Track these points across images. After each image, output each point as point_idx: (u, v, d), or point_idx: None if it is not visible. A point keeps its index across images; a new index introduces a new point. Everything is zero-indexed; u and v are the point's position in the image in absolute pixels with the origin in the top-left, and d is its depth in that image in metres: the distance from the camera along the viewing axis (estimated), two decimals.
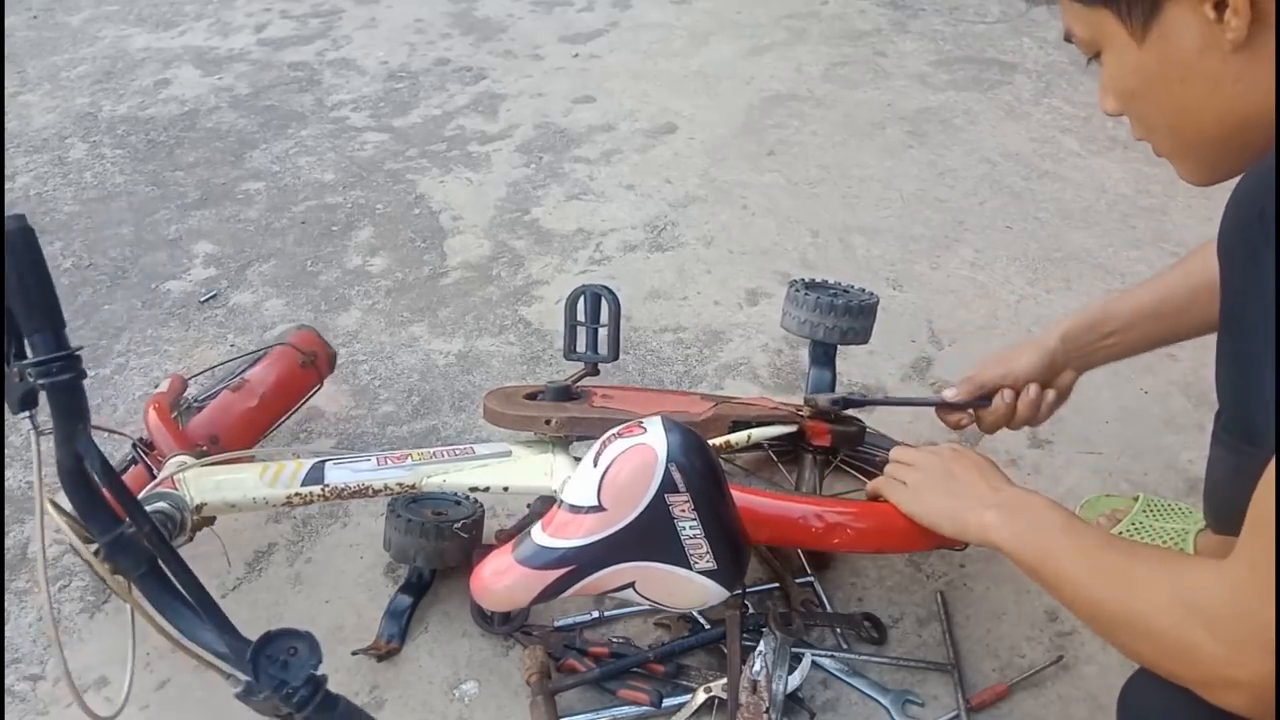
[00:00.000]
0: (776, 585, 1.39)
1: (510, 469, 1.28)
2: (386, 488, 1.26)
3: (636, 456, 1.01)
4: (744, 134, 2.54)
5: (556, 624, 1.35)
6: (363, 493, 1.25)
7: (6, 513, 1.55)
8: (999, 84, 2.71)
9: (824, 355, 1.41)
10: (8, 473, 1.62)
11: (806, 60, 2.87)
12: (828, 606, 1.37)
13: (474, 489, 1.27)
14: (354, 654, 1.31)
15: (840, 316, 1.35)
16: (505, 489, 1.26)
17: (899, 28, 3.04)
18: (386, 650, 1.31)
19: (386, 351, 1.86)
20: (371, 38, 3.12)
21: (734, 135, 2.55)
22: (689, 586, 1.05)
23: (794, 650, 1.26)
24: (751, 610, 1.32)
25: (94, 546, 1.01)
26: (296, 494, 1.24)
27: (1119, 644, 0.87)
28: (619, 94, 2.77)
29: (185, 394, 1.51)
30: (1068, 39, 0.84)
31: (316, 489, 1.25)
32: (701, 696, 1.22)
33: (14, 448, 1.66)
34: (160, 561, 1.00)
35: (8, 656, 1.34)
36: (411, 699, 1.28)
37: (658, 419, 1.04)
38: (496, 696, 1.27)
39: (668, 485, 1.00)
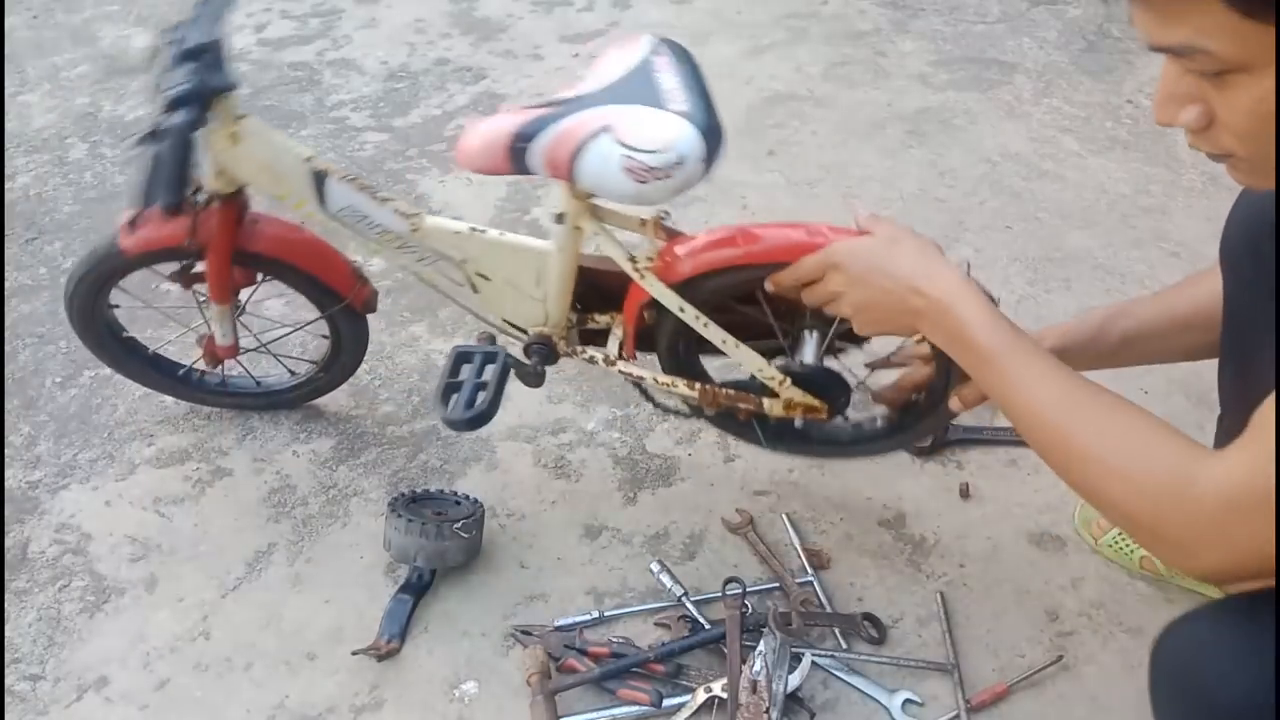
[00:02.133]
0: (776, 585, 1.39)
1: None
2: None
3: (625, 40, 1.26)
4: (744, 134, 2.54)
5: (557, 624, 1.35)
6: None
7: (6, 512, 1.55)
8: (999, 84, 2.71)
9: None
10: (8, 473, 1.62)
11: (806, 60, 2.87)
12: (828, 606, 1.37)
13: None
14: (354, 654, 1.31)
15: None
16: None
17: (899, 28, 3.04)
18: (386, 650, 1.31)
19: (386, 351, 1.86)
20: (371, 38, 3.12)
21: (734, 135, 2.52)
22: (663, 124, 1.12)
23: (794, 650, 1.26)
24: (751, 610, 1.32)
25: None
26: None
27: (1075, 488, 0.89)
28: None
29: None
30: (1163, 51, 0.72)
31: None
32: (701, 696, 1.22)
33: (14, 447, 1.66)
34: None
35: (8, 656, 1.34)
36: (411, 699, 1.28)
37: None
38: (496, 696, 1.27)
39: (654, 51, 1.22)
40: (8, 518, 1.54)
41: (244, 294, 1.53)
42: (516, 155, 1.17)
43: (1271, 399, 0.75)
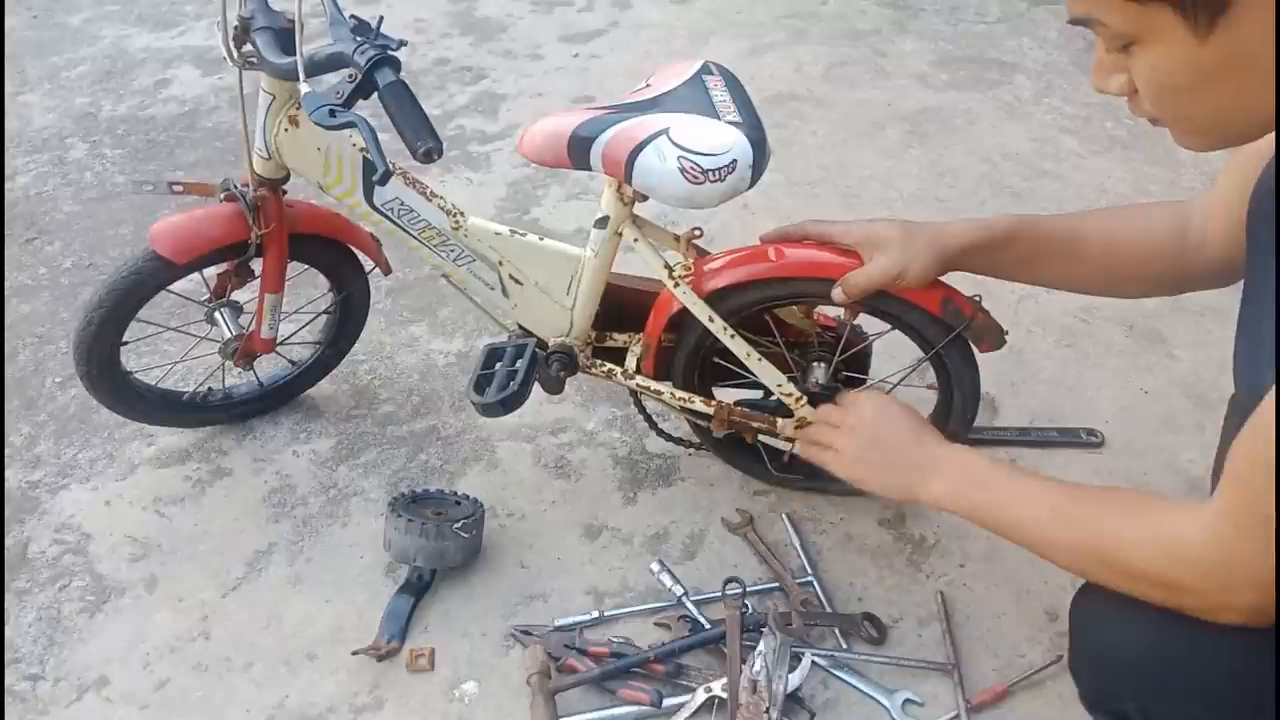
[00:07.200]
0: (776, 585, 1.39)
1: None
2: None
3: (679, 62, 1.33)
4: None
5: (557, 624, 1.35)
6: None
7: (6, 512, 1.55)
8: (999, 84, 2.71)
9: None
10: (8, 473, 1.62)
11: (806, 60, 2.87)
12: (828, 606, 1.37)
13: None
14: (354, 654, 1.31)
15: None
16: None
17: (899, 28, 3.04)
18: (386, 650, 1.31)
19: (386, 351, 1.86)
20: None
21: None
22: (718, 130, 1.17)
23: (794, 650, 1.26)
24: (751, 610, 1.32)
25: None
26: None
27: (1101, 582, 0.93)
28: (619, 94, 2.76)
29: None
30: (1078, 23, 0.80)
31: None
32: (701, 696, 1.22)
33: (14, 447, 1.66)
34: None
35: (8, 656, 1.34)
36: (411, 699, 1.28)
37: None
38: (496, 696, 1.28)
39: (705, 70, 1.29)
40: (8, 518, 1.54)
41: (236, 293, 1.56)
42: (577, 151, 1.21)
43: (1246, 432, 0.79)
